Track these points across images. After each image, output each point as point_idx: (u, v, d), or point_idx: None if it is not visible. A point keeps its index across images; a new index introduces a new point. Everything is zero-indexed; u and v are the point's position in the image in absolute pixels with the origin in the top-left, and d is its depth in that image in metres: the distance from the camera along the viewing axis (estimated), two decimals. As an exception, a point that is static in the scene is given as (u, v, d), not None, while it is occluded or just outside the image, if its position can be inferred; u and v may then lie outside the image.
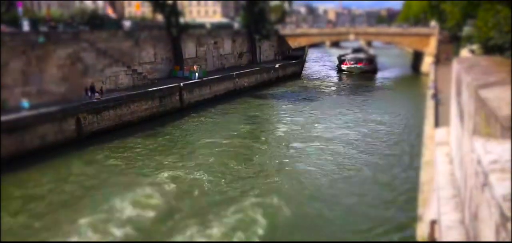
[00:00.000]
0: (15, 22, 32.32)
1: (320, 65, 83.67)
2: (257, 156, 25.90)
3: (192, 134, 31.92)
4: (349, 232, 16.03)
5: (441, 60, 46.98)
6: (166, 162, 24.46)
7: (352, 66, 66.78)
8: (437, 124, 16.41)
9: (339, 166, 23.31)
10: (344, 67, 67.60)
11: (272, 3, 63.64)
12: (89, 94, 30.98)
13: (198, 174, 22.22)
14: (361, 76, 63.32)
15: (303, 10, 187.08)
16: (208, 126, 33.76)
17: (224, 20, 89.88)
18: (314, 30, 78.31)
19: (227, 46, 56.57)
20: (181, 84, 39.53)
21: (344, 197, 19.25)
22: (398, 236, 15.52)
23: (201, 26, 56.29)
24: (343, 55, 74.00)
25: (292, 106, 41.47)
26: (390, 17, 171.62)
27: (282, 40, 69.39)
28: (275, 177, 21.94)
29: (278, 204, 18.23)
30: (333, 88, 56.11)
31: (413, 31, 66.49)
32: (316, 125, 33.40)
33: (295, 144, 28.06)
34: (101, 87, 32.77)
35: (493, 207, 1.64)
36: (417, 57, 69.34)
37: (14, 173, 22.09)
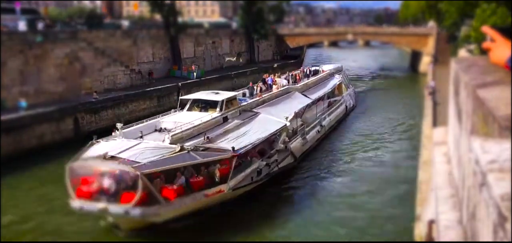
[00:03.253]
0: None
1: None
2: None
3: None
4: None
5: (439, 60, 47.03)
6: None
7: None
8: (435, 123, 16.45)
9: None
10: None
11: (270, 3, 63.42)
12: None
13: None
14: None
15: (301, 9, 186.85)
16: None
17: (222, 19, 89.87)
18: (312, 30, 78.42)
19: (225, 45, 56.54)
20: (179, 83, 39.51)
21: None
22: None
23: (199, 25, 56.31)
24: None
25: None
26: (387, 17, 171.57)
27: (280, 39, 69.36)
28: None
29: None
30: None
31: (411, 31, 66.54)
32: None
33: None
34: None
35: (491, 207, 1.64)
36: (415, 57, 69.41)
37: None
